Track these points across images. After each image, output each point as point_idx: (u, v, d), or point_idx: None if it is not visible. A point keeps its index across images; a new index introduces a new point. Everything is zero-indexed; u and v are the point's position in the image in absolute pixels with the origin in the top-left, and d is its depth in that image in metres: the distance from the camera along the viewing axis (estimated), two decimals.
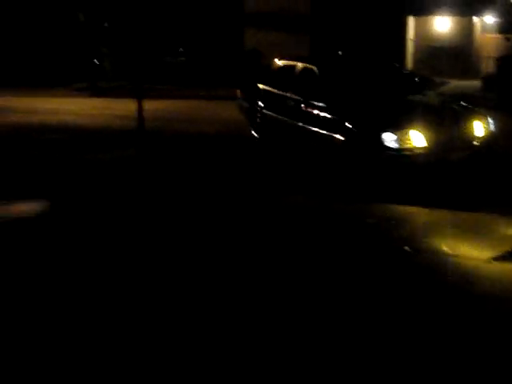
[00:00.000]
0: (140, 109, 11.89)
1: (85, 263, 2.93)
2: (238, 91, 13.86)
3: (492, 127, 8.68)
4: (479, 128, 8.54)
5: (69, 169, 9.27)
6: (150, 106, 14.08)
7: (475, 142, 8.38)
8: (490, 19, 31.76)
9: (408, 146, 7.66)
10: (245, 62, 25.28)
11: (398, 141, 7.62)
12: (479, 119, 8.67)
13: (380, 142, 7.66)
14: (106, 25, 29.25)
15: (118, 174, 8.99)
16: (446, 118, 8.54)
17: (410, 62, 29.71)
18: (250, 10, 29.26)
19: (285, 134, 10.57)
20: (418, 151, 7.68)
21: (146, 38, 29.43)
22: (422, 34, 30.04)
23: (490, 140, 8.54)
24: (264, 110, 11.65)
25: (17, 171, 9.00)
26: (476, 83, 24.87)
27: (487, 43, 31.45)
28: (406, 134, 7.69)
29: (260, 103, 11.94)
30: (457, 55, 28.81)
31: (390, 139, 7.64)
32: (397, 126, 7.80)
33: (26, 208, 4.04)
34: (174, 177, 8.86)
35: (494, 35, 33.18)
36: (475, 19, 30.01)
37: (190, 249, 3.16)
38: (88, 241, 3.25)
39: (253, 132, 12.59)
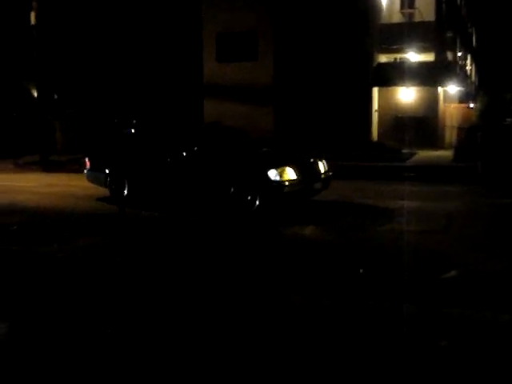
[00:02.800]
0: (121, 189, 10.42)
1: None
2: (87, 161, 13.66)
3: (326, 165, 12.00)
4: (324, 166, 11.90)
5: (15, 271, 7.35)
6: None
7: (323, 176, 11.70)
8: (452, 89, 31.59)
9: (285, 178, 10.63)
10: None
11: (278, 175, 10.62)
12: (321, 160, 11.90)
13: (267, 176, 10.61)
14: (55, 97, 28.01)
15: (80, 277, 7.09)
16: (305, 161, 11.69)
17: (375, 132, 29.12)
18: (209, 81, 28.52)
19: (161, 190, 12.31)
20: (292, 182, 10.67)
21: (100, 111, 28.24)
22: (387, 105, 29.63)
23: (329, 172, 12.01)
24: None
25: None
26: (444, 153, 24.25)
27: (451, 113, 31.20)
28: (284, 170, 10.67)
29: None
30: (421, 125, 28.37)
31: (273, 174, 10.62)
32: (277, 166, 10.76)
33: None
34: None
35: (456, 105, 33.09)
36: (438, 89, 29.75)
37: None
38: None
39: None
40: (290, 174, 10.68)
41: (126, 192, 12.48)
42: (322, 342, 4.71)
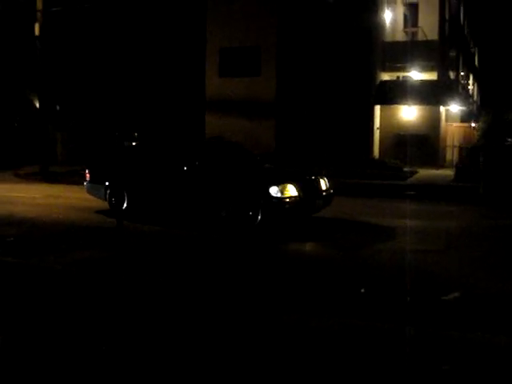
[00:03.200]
0: (119, 201, 10.30)
1: None
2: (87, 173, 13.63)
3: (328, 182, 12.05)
4: (326, 183, 11.92)
5: (6, 283, 7.25)
6: None
7: (325, 193, 11.68)
8: (454, 108, 31.62)
9: (286, 195, 10.62)
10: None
11: (280, 192, 10.60)
12: (323, 178, 11.95)
13: (268, 192, 10.59)
14: (57, 108, 28.04)
15: (73, 291, 6.97)
16: (306, 178, 11.67)
17: (376, 149, 29.11)
18: (211, 95, 28.54)
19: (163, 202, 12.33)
20: (294, 199, 10.68)
21: (101, 123, 28.24)
22: (389, 123, 29.64)
23: (331, 189, 12.00)
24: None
25: None
26: (445, 172, 24.21)
27: (452, 132, 31.22)
28: (285, 187, 10.67)
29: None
30: (423, 143, 28.40)
31: (274, 191, 10.59)
32: (278, 182, 10.75)
33: None
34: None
35: (458, 124, 33.12)
36: (440, 108, 29.77)
37: None
38: None
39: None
40: (291, 190, 10.69)
41: (125, 205, 12.41)
42: (321, 365, 4.62)
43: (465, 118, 35.81)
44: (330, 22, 26.87)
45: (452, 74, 32.54)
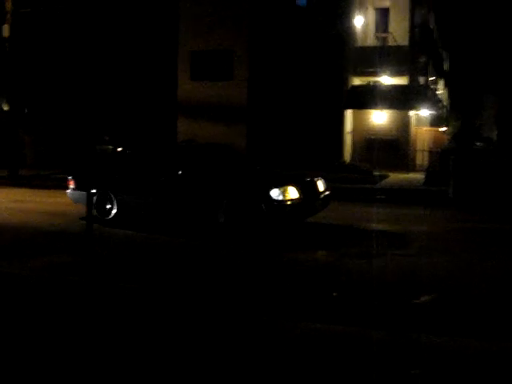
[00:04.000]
0: (90, 205, 9.96)
1: None
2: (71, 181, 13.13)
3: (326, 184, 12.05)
4: (323, 184, 11.91)
5: None
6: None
7: (322, 195, 11.62)
8: (424, 113, 31.94)
9: (287, 197, 10.45)
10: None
11: (281, 194, 10.43)
12: (320, 179, 11.90)
13: (269, 195, 10.42)
14: (26, 111, 27.66)
15: (36, 296, 6.89)
16: (305, 180, 11.58)
17: (347, 153, 29.27)
18: (183, 99, 28.42)
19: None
20: (295, 201, 10.51)
21: (72, 126, 27.96)
22: (360, 127, 29.85)
23: (328, 191, 11.95)
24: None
25: None
26: (416, 176, 24.44)
27: (423, 136, 31.54)
28: (286, 189, 10.49)
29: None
30: (393, 147, 28.64)
31: (275, 194, 10.42)
32: (278, 185, 10.58)
33: None
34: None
35: (428, 128, 33.48)
36: (411, 113, 30.05)
37: None
38: None
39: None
40: (291, 193, 10.55)
41: (114, 211, 12.20)
42: (286, 370, 4.61)
43: (435, 122, 36.21)
44: (302, 27, 26.97)
45: (422, 79, 32.87)
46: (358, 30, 29.80)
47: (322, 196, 11.59)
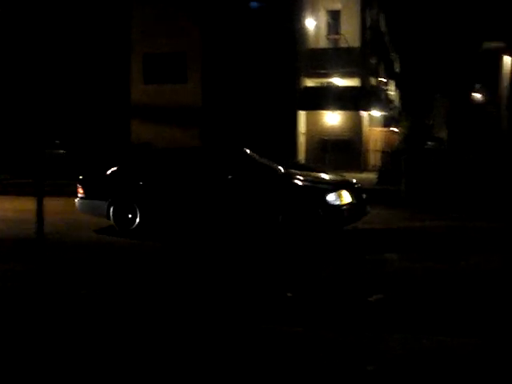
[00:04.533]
0: (40, 210, 9.59)
1: None
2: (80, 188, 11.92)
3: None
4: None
5: None
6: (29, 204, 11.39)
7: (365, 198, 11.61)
8: (376, 113, 32.40)
9: (342, 202, 10.52)
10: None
11: (337, 199, 10.48)
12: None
13: (326, 200, 10.44)
14: None
15: None
16: (354, 184, 11.77)
17: (302, 154, 29.47)
18: (136, 102, 28.23)
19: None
20: (349, 205, 10.60)
21: (21, 130, 27.49)
22: (314, 128, 30.13)
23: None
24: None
25: None
26: (369, 176, 24.73)
27: (375, 136, 31.97)
28: (340, 194, 10.56)
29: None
30: (346, 148, 29.00)
31: (332, 199, 10.46)
32: (334, 190, 10.64)
33: None
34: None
35: (380, 129, 33.95)
36: (363, 113, 30.44)
37: None
38: None
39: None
40: (346, 197, 10.55)
41: (137, 221, 11.24)
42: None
43: (387, 122, 36.70)
44: (255, 29, 27.07)
45: (374, 81, 33.31)
46: (311, 32, 30.07)
47: (365, 200, 11.54)
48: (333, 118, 29.95)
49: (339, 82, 30.14)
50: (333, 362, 4.75)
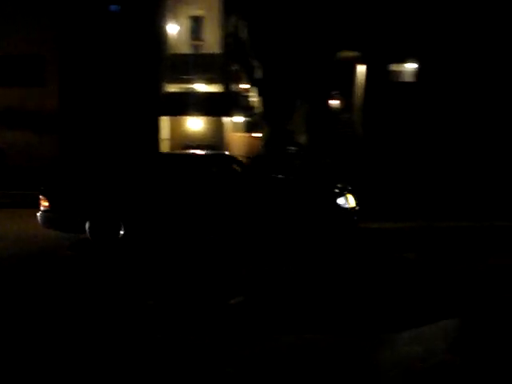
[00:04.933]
0: None
1: None
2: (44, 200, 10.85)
3: None
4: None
5: None
6: None
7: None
8: (238, 119, 32.90)
9: (351, 205, 10.97)
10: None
11: (346, 202, 10.90)
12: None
13: (337, 204, 10.81)
14: None
15: None
16: (350, 188, 11.69)
17: None
18: None
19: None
20: (355, 208, 11.12)
21: None
22: (178, 134, 30.05)
23: None
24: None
25: None
26: None
27: (237, 142, 32.45)
28: (348, 198, 10.99)
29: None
30: None
31: (342, 202, 10.87)
32: (343, 194, 10.99)
33: None
34: None
35: (242, 134, 34.53)
36: (225, 119, 30.78)
37: None
38: None
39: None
40: (351, 201, 11.08)
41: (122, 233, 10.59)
42: None
43: (250, 128, 37.44)
44: (117, 33, 26.65)
45: (235, 87, 33.79)
46: (174, 37, 30.00)
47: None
48: (196, 124, 30.08)
49: (202, 87, 30.30)
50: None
